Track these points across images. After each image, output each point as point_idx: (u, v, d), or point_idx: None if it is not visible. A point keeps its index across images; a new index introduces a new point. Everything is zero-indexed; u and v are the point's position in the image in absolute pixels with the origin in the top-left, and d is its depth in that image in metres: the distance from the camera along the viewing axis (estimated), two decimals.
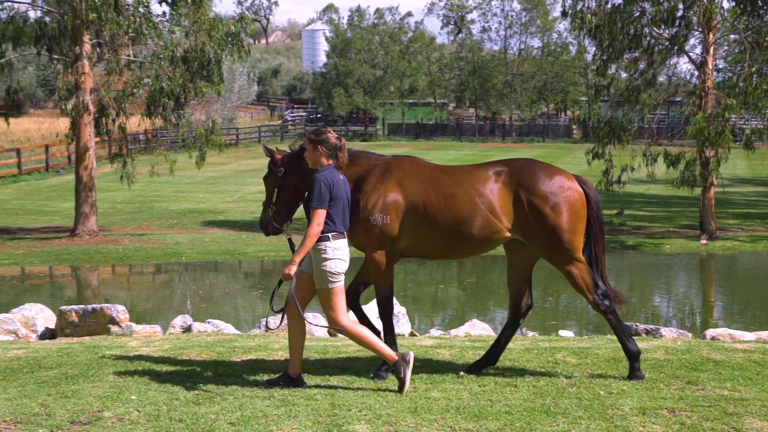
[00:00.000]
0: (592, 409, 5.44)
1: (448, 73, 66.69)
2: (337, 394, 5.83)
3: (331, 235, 5.81)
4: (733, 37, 24.22)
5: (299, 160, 6.33)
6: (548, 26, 66.62)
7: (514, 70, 64.74)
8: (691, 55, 22.78)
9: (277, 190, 6.44)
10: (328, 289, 5.85)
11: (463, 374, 6.40)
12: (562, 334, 9.20)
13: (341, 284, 5.91)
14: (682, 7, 20.74)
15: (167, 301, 14.48)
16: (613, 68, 22.91)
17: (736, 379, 6.24)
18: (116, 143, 29.68)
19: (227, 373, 6.52)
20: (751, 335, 8.60)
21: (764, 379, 6.26)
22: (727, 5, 22.60)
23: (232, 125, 54.27)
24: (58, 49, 21.45)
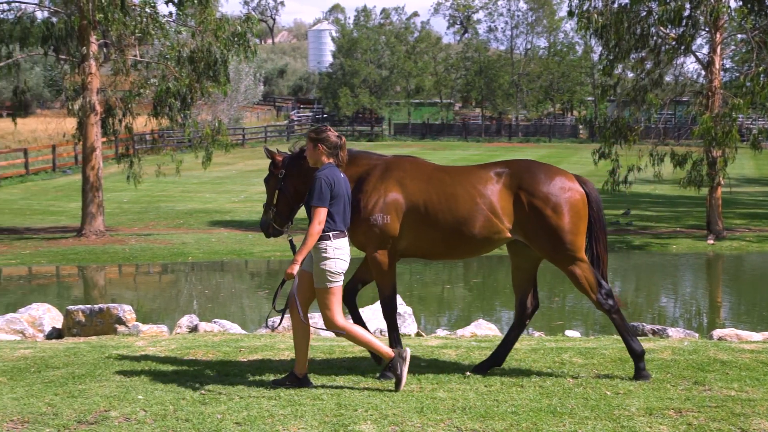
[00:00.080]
0: (598, 409, 5.43)
1: (454, 73, 66.69)
2: (343, 394, 5.83)
3: (332, 234, 5.81)
4: (740, 36, 24.16)
5: (300, 161, 6.33)
6: (554, 26, 66.61)
7: (520, 70, 64.71)
8: (698, 54, 22.71)
9: (277, 191, 6.44)
10: (326, 288, 5.85)
11: (469, 374, 6.40)
12: (568, 334, 9.18)
13: (340, 284, 5.90)
14: (689, 6, 20.68)
15: (174, 301, 14.50)
16: (619, 68, 22.88)
17: (743, 379, 6.22)
18: (123, 143, 29.71)
19: (233, 372, 6.53)
20: (758, 336, 8.58)
21: None
22: (734, 5, 22.55)
23: (238, 125, 54.34)
24: (65, 49, 21.53)
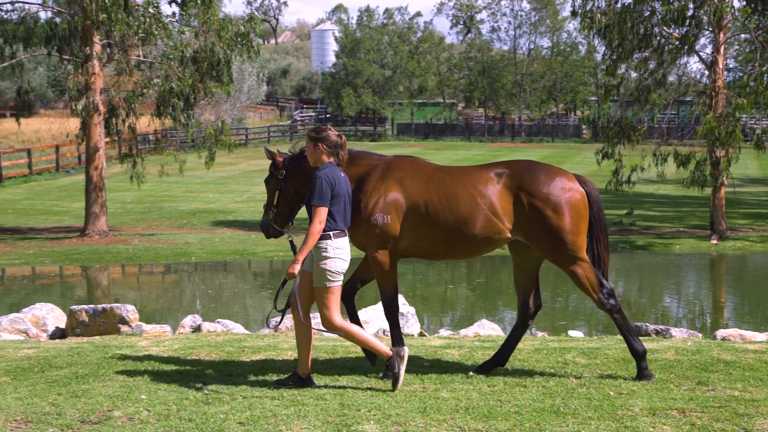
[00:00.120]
0: (601, 409, 5.43)
1: (457, 73, 66.64)
2: (346, 394, 5.83)
3: (332, 233, 5.81)
4: (743, 36, 24.10)
5: (300, 162, 6.33)
6: (558, 26, 66.51)
7: (523, 69, 64.65)
8: (701, 54, 22.69)
9: (278, 192, 6.44)
10: (325, 287, 5.85)
11: (472, 374, 6.39)
12: (571, 334, 9.18)
13: (339, 284, 5.90)
14: (692, 6, 20.66)
15: (177, 300, 14.52)
16: (622, 68, 22.86)
17: (746, 379, 6.21)
18: (126, 143, 29.77)
19: (236, 372, 6.53)
20: (761, 336, 8.56)
21: None
22: (737, 4, 22.52)
23: (241, 125, 54.35)
24: (68, 49, 21.56)
